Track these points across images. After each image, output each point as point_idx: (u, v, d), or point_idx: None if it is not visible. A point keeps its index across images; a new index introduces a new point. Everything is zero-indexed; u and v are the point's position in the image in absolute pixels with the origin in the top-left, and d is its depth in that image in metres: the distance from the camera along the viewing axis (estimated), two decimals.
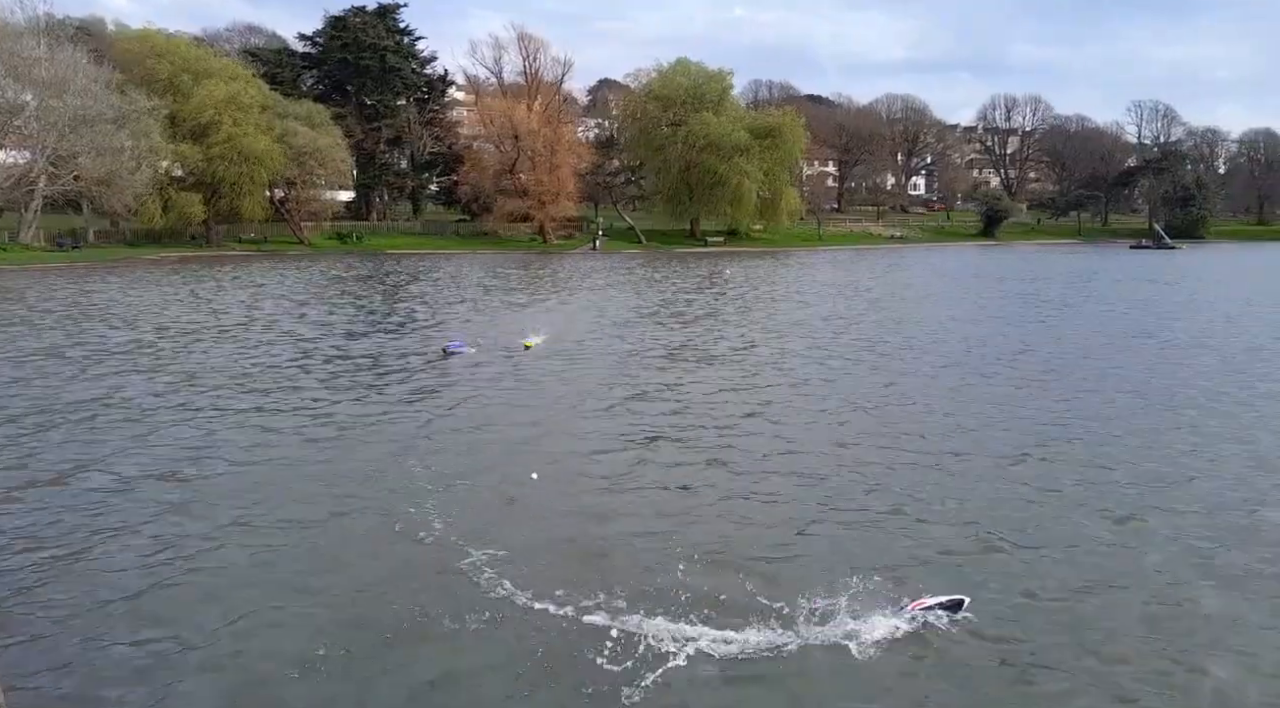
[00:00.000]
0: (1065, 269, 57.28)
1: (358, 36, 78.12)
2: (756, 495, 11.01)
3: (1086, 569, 8.86)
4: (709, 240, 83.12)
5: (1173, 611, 8.08)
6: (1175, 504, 10.78)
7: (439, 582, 8.47)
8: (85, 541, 9.48)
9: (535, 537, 9.61)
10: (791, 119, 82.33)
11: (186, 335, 24.49)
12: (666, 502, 10.84)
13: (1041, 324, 28.71)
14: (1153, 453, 13.06)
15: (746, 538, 9.61)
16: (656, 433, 13.99)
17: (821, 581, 8.21)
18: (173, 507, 10.47)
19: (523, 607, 7.88)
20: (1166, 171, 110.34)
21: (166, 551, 9.22)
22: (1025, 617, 7.88)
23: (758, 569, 8.70)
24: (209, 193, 64.02)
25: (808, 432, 14.27)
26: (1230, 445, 13.49)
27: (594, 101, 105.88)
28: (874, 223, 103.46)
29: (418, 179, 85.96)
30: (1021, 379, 18.74)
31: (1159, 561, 9.14)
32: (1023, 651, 7.34)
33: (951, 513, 10.42)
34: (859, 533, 9.82)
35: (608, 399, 16.51)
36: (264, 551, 9.26)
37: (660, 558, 8.95)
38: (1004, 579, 8.59)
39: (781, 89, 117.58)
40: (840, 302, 35.60)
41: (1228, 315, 31.13)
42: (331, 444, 13.31)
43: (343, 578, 8.58)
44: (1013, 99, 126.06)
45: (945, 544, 9.49)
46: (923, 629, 7.55)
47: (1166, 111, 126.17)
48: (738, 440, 13.62)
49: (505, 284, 42.64)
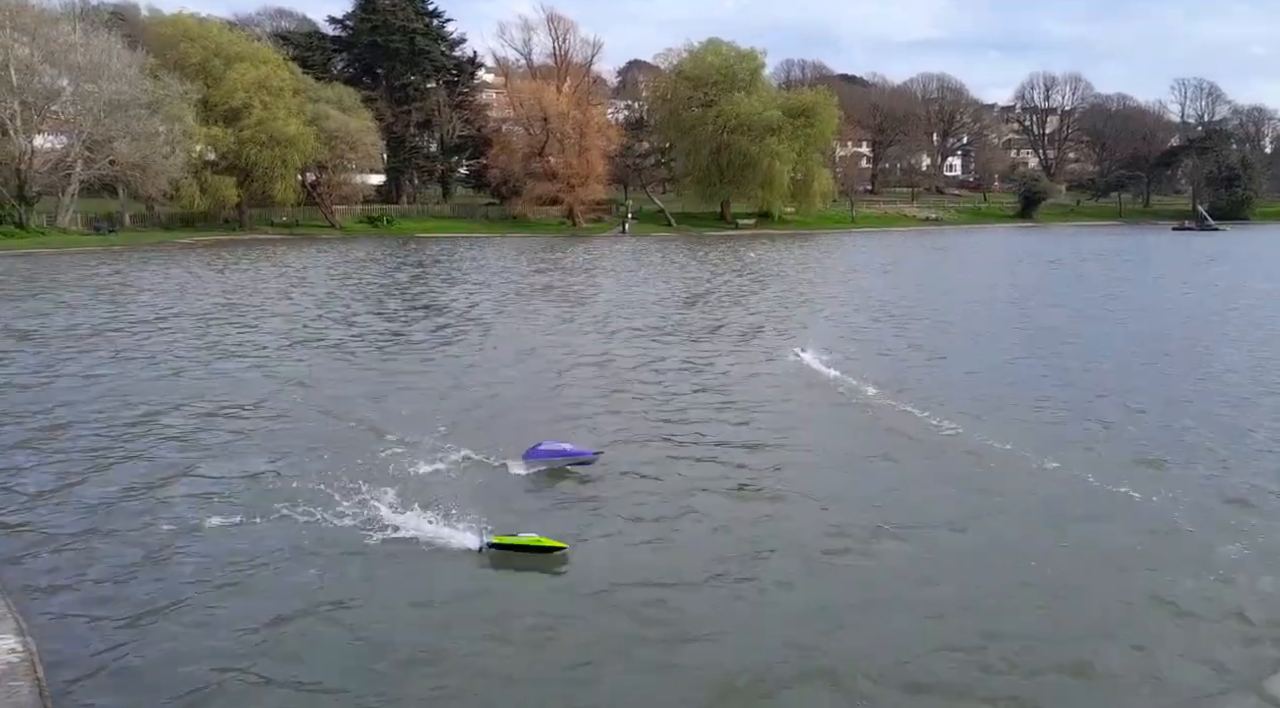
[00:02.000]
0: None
1: (387, 19, 77.95)
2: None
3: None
4: (740, 223, 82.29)
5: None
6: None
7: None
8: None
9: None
10: (825, 99, 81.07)
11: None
12: None
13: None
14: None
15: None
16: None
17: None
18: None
19: None
20: (1211, 151, 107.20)
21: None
22: None
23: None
24: (241, 176, 64.36)
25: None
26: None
27: (624, 83, 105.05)
28: (908, 205, 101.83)
29: (447, 162, 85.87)
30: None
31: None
32: None
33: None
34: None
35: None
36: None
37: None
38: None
39: (814, 69, 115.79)
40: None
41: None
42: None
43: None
44: (1052, 78, 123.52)
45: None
46: None
47: (1211, 89, 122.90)
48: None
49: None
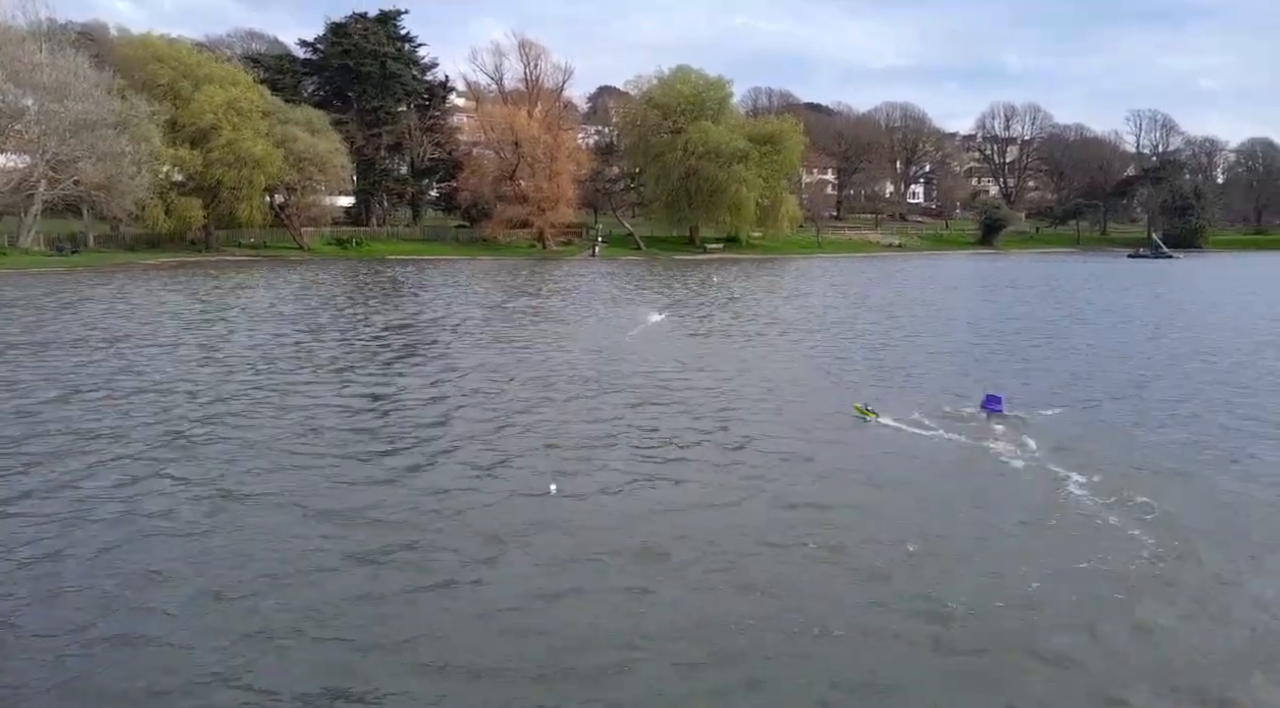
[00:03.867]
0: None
1: (359, 43, 78.31)
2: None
3: None
4: (708, 247, 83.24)
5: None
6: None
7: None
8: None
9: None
10: (790, 127, 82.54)
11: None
12: None
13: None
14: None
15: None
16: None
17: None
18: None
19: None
20: (1165, 181, 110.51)
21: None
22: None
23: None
24: (208, 197, 64.08)
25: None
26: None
27: (594, 108, 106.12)
28: (872, 231, 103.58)
29: (417, 185, 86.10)
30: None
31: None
32: None
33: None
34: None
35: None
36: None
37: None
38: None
39: (780, 97, 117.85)
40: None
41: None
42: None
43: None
44: (1012, 108, 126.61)
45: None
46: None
47: (1165, 121, 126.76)
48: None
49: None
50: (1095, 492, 11.46)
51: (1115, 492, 11.38)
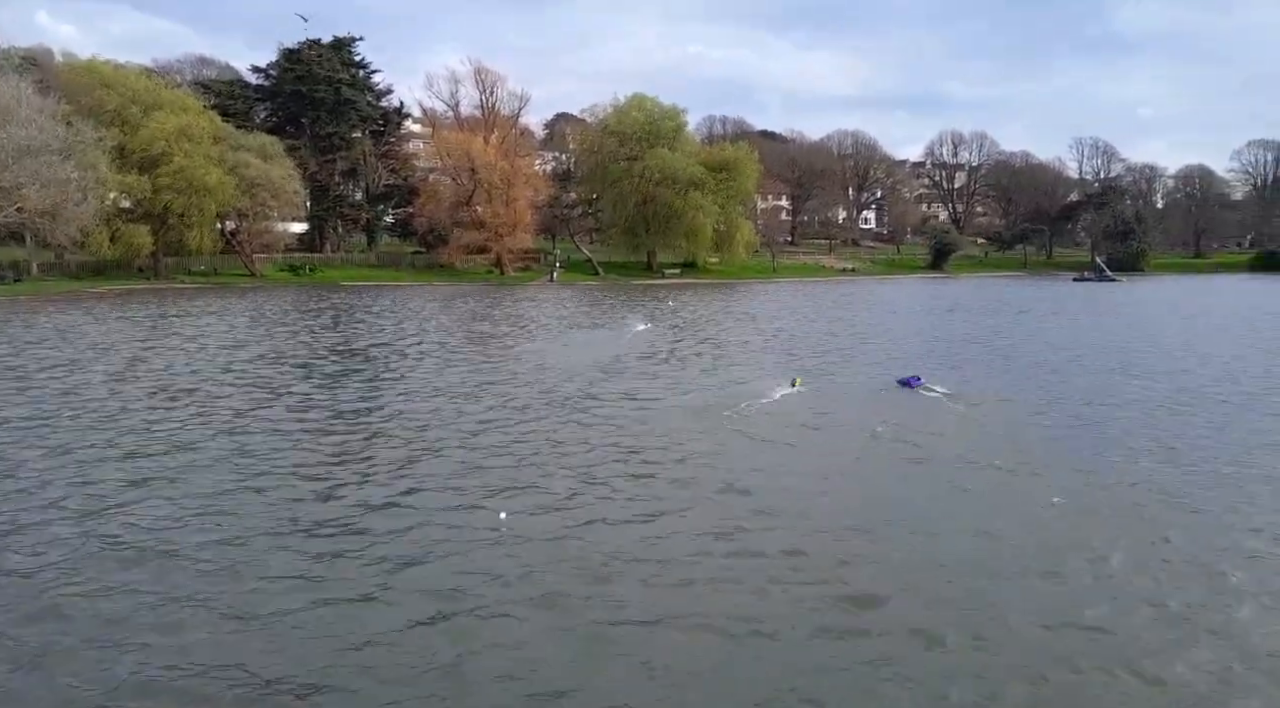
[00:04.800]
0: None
1: (312, 69, 77.95)
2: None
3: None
4: (665, 272, 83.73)
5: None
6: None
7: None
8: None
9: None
10: (745, 154, 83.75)
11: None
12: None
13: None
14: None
15: None
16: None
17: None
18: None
19: None
20: (1107, 206, 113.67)
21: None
22: None
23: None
24: (157, 224, 63.02)
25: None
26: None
27: (551, 135, 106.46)
28: (826, 255, 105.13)
29: (372, 211, 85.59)
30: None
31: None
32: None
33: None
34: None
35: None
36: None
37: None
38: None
39: (735, 125, 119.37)
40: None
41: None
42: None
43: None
44: (959, 135, 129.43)
45: None
46: None
47: (1106, 148, 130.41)
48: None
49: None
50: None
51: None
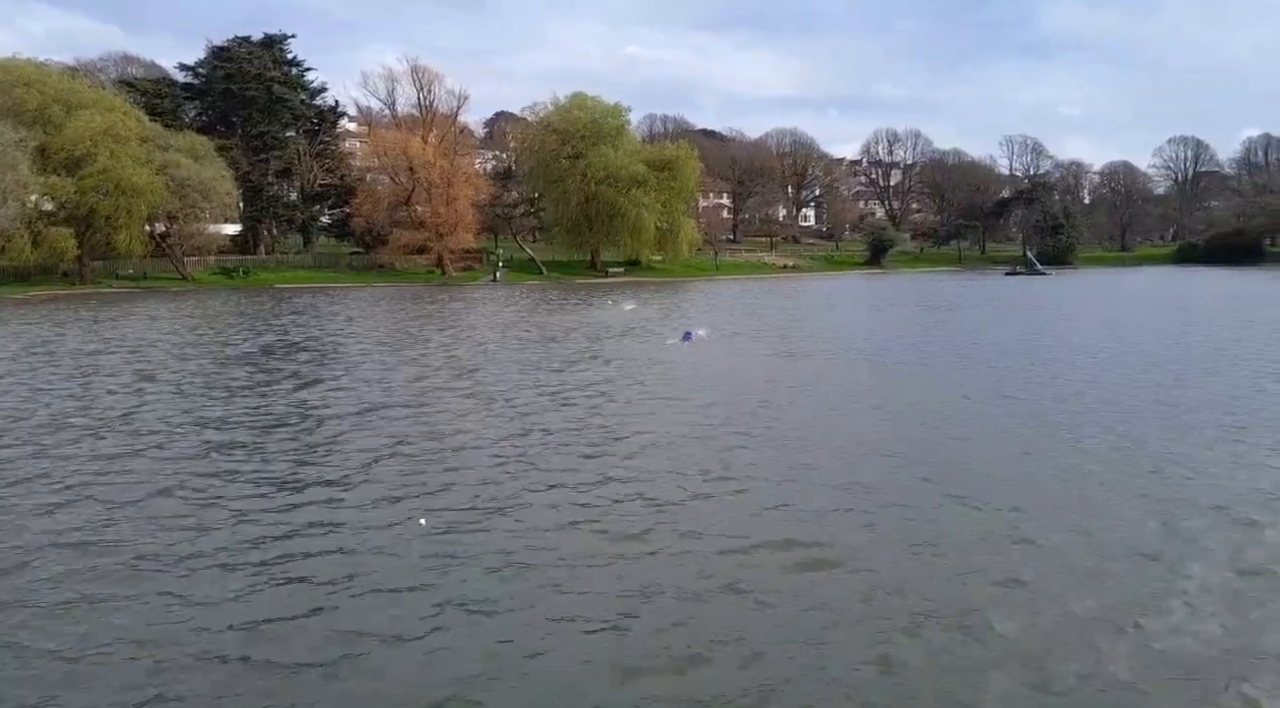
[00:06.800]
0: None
1: (242, 67, 75.95)
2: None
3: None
4: (610, 271, 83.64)
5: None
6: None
7: None
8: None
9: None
10: (687, 153, 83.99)
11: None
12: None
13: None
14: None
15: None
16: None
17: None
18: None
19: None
20: (1037, 202, 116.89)
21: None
22: None
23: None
24: (82, 227, 60.70)
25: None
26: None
27: (491, 133, 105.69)
28: (768, 253, 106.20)
29: (308, 211, 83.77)
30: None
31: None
32: None
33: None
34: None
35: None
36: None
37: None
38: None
39: (676, 123, 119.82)
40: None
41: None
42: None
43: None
44: (894, 133, 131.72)
45: None
46: None
47: (1035, 145, 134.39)
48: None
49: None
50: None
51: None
